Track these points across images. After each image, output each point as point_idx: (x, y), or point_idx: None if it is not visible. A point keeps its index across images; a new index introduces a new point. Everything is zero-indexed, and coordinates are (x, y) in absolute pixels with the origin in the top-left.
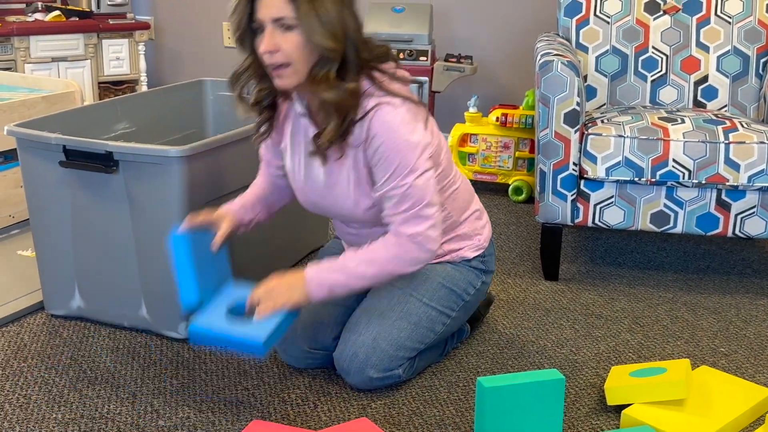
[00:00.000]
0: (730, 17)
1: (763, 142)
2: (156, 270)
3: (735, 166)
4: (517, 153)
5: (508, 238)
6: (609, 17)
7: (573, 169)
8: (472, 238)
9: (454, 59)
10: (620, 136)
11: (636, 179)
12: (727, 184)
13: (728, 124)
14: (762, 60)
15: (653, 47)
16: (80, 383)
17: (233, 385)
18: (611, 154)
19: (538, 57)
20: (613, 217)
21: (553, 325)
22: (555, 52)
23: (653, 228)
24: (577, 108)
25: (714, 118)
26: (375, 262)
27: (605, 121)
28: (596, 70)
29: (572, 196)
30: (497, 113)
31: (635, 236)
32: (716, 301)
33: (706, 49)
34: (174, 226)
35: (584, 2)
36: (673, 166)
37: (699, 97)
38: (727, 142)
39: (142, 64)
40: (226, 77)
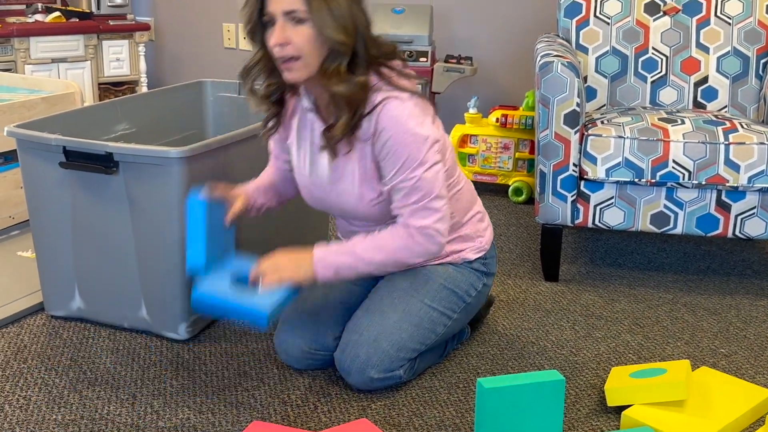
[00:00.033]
0: (730, 18)
1: (763, 143)
2: (156, 271)
3: (735, 167)
4: (517, 154)
5: (508, 239)
6: (609, 18)
7: (573, 170)
8: (474, 239)
9: (454, 60)
10: (620, 137)
11: (636, 180)
12: (727, 185)
13: (728, 125)
14: (762, 61)
15: (653, 48)
16: (80, 384)
17: (233, 386)
18: (611, 155)
19: (538, 58)
20: (613, 218)
21: (553, 326)
22: (555, 53)
23: (653, 229)
24: (577, 109)
25: (714, 119)
26: (383, 249)
27: (605, 122)
28: (596, 71)
29: (572, 197)
30: (497, 114)
31: (635, 237)
32: (716, 302)
33: (706, 50)
34: (194, 190)
35: (584, 3)
36: (673, 167)
37: (699, 98)
38: (727, 143)
39: (142, 65)
40: (226, 78)
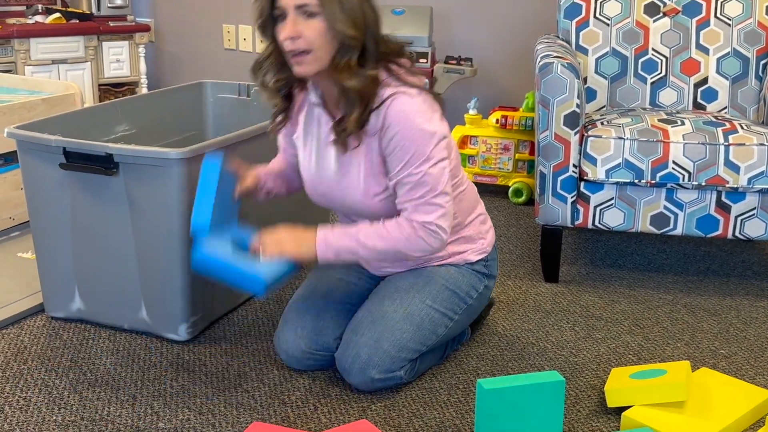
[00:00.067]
0: (729, 19)
1: (762, 144)
2: (156, 272)
3: (735, 168)
4: (517, 155)
5: (508, 240)
6: (609, 19)
7: (573, 171)
8: (476, 241)
9: (454, 61)
10: (620, 138)
11: (636, 181)
12: (727, 186)
13: (728, 126)
14: (762, 62)
15: (653, 49)
16: (80, 385)
17: (233, 388)
18: (611, 156)
19: (538, 59)
20: (613, 219)
21: (553, 327)
22: (555, 54)
23: (653, 230)
24: (577, 110)
25: (714, 120)
26: (386, 238)
27: (605, 123)
28: (596, 72)
29: (572, 198)
30: (497, 115)
31: (635, 238)
32: (716, 303)
33: (705, 51)
34: (212, 152)
35: (584, 4)
36: (673, 168)
37: (699, 99)
38: (727, 144)
39: (142, 66)
40: (226, 79)
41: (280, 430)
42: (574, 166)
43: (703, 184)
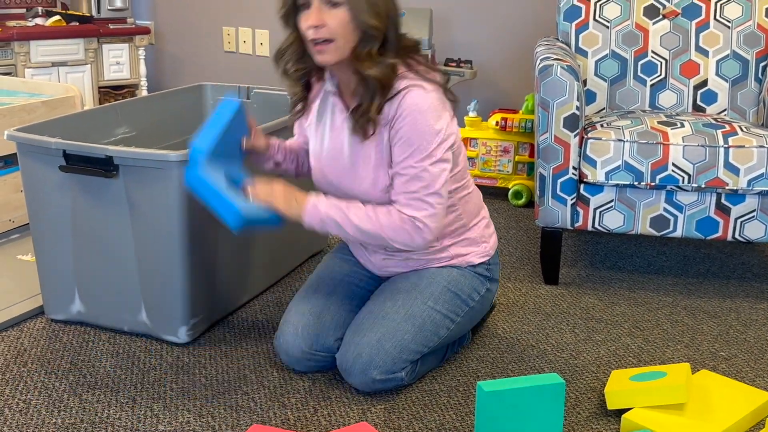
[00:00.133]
0: (729, 21)
1: (762, 146)
2: (156, 274)
3: (734, 170)
4: (516, 157)
5: (508, 243)
6: (608, 22)
7: (573, 174)
8: (479, 244)
9: (454, 64)
10: (620, 140)
11: (636, 183)
12: (727, 188)
13: (728, 128)
14: (761, 64)
15: (652, 51)
16: (80, 388)
17: (233, 390)
18: (611, 158)
19: (538, 61)
20: (613, 221)
21: (553, 330)
22: (554, 57)
23: (653, 232)
24: (577, 112)
25: (713, 122)
26: (373, 221)
27: (605, 125)
28: (596, 74)
29: (572, 200)
30: (497, 117)
31: (635, 240)
32: (716, 305)
33: (705, 53)
34: (231, 94)
35: (584, 7)
36: (672, 170)
37: (698, 102)
38: (726, 146)
39: (143, 68)
40: (226, 82)
41: None
42: (574, 168)
43: (703, 186)
